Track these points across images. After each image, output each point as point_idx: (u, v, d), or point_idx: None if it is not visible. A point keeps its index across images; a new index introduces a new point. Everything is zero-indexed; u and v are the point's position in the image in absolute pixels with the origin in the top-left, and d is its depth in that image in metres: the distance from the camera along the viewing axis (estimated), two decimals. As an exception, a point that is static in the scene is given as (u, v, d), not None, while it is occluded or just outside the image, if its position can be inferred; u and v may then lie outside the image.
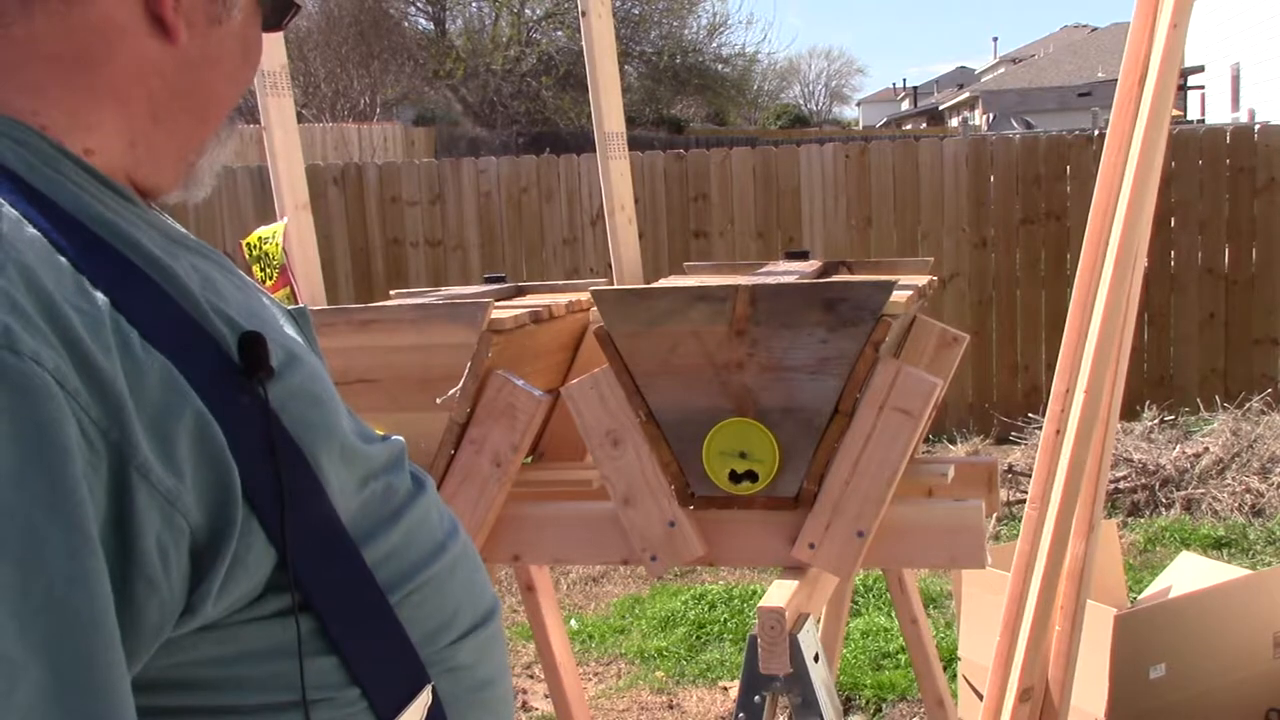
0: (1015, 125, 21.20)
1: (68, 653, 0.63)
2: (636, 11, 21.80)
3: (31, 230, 0.70)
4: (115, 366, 0.68)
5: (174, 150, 0.87)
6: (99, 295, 0.70)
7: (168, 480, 0.69)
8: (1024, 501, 2.44)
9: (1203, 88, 22.16)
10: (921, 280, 1.97)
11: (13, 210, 0.71)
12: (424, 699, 0.86)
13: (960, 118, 34.03)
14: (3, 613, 0.61)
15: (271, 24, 0.94)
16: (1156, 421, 5.37)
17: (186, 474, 0.71)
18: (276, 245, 1.66)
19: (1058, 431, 1.97)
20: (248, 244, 1.89)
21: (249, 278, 0.93)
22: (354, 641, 0.82)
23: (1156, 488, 4.81)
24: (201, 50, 0.85)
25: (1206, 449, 4.95)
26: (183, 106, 0.86)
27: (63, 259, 0.70)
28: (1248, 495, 4.68)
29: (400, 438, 0.99)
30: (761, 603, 1.51)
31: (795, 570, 1.63)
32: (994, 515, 4.12)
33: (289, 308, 0.98)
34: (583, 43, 2.24)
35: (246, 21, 0.89)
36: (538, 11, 21.40)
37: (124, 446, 0.67)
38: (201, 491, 0.71)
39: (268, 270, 1.86)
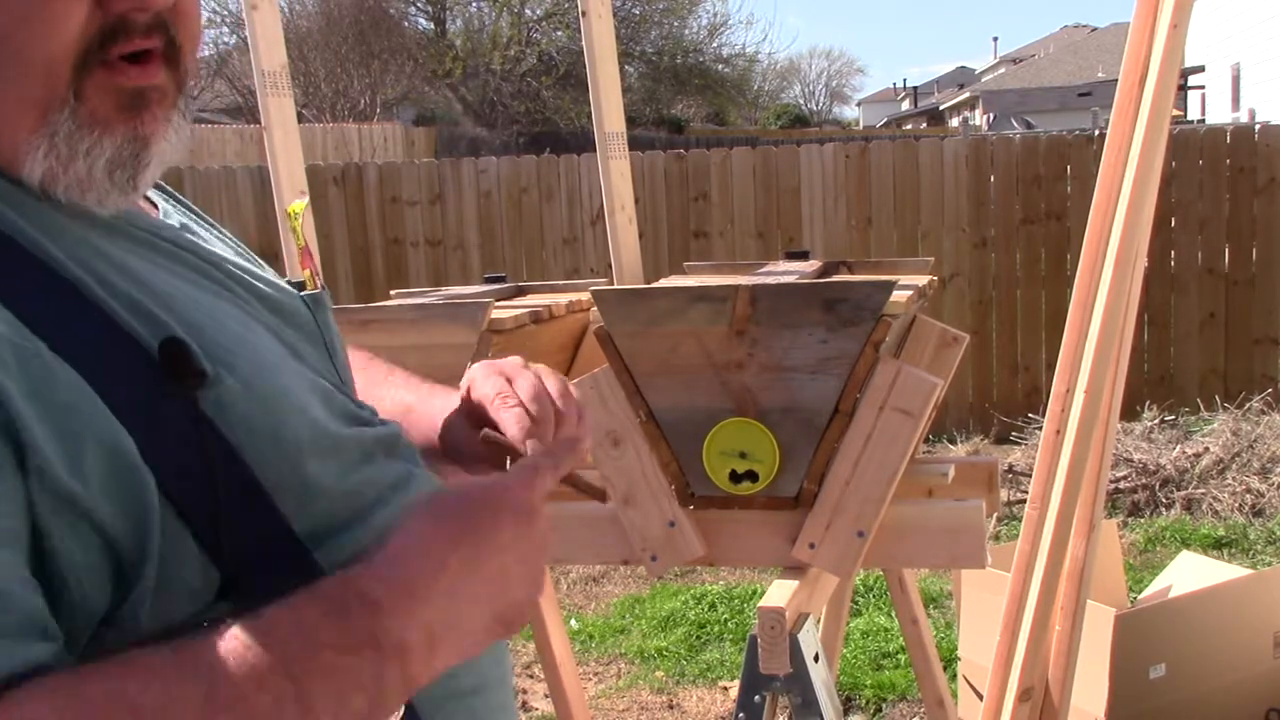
0: (1015, 125, 21.20)
1: None
2: (636, 11, 21.80)
3: None
4: (9, 370, 0.65)
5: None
6: (1, 308, 0.67)
7: (71, 487, 0.67)
8: (1024, 501, 2.44)
9: (1203, 88, 22.16)
10: (921, 280, 1.97)
11: None
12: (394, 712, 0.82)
13: (960, 118, 34.05)
14: None
15: None
16: (1156, 421, 5.37)
17: (98, 484, 0.68)
18: (299, 223, 1.67)
19: (1058, 431, 1.97)
20: (290, 213, 1.87)
21: (232, 258, 0.89)
22: None
23: (1156, 488, 4.81)
24: None
25: (1206, 449, 4.95)
26: None
27: None
28: (1248, 495, 4.68)
29: (394, 424, 0.95)
30: (761, 603, 1.51)
31: (795, 570, 1.63)
32: (994, 515, 4.12)
33: (304, 293, 0.95)
34: (583, 43, 2.24)
35: None
36: (537, 11, 21.40)
37: (22, 447, 0.65)
38: (117, 502, 0.69)
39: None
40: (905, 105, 53.91)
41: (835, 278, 2.02)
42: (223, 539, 0.73)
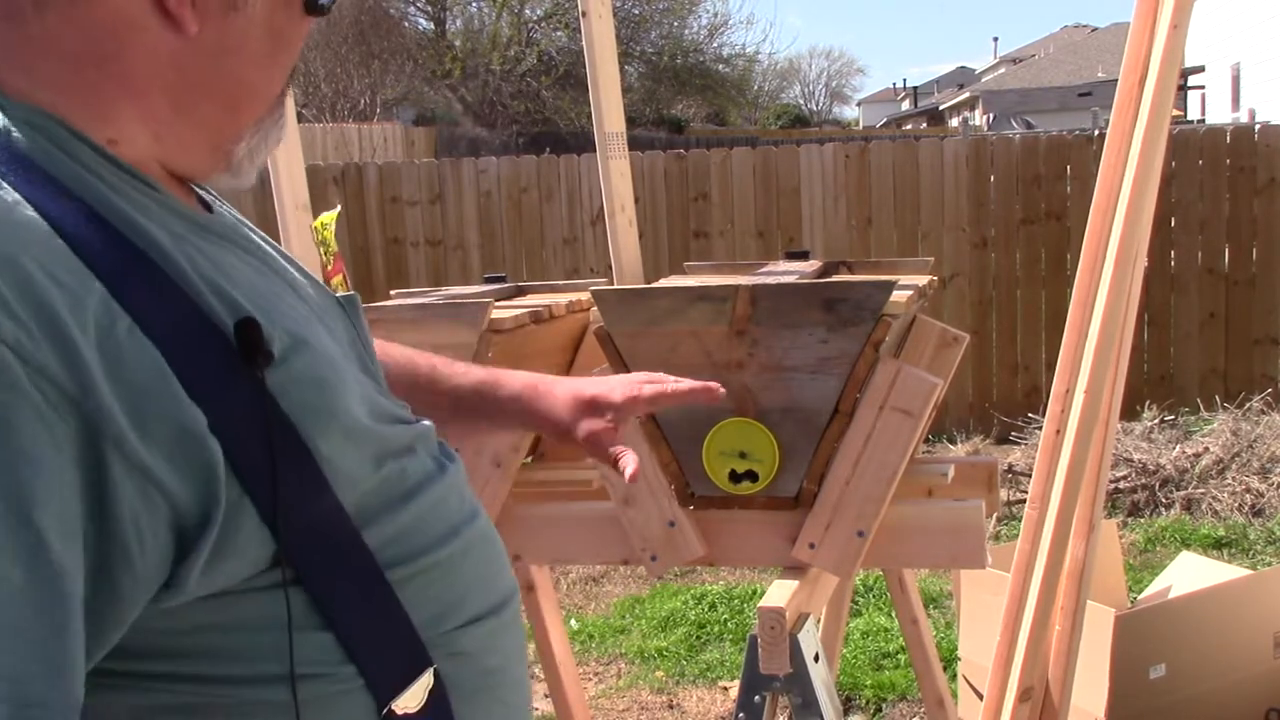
0: (1015, 125, 21.19)
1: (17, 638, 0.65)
2: (636, 11, 21.78)
3: (29, 213, 0.73)
4: (91, 344, 0.70)
5: (205, 139, 0.88)
6: (92, 279, 0.72)
7: (144, 456, 0.71)
8: (1024, 501, 2.44)
9: (1203, 88, 22.17)
10: (921, 280, 1.97)
11: (13, 194, 0.73)
12: (425, 681, 0.87)
13: (960, 118, 34.02)
14: None
15: (313, 7, 0.92)
16: (1156, 421, 5.37)
17: (165, 455, 0.72)
18: (330, 233, 1.69)
19: (1058, 431, 1.97)
20: (314, 227, 1.88)
21: (282, 262, 0.96)
22: (349, 620, 0.83)
23: (1156, 488, 4.81)
24: (219, 39, 0.85)
25: (1206, 449, 4.95)
26: (206, 96, 0.86)
27: (60, 242, 0.73)
28: (1248, 495, 4.68)
29: (428, 421, 1.01)
30: (761, 603, 1.51)
31: (795, 570, 1.63)
32: (994, 515, 4.12)
33: (339, 294, 1.01)
34: (583, 43, 2.23)
35: (273, 8, 0.88)
36: (537, 11, 21.39)
37: (97, 418, 0.70)
38: (184, 473, 0.73)
39: (326, 256, 1.85)
40: (905, 105, 53.91)
41: (835, 278, 2.02)
42: (279, 510, 0.78)
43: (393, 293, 2.25)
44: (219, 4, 0.84)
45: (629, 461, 1.21)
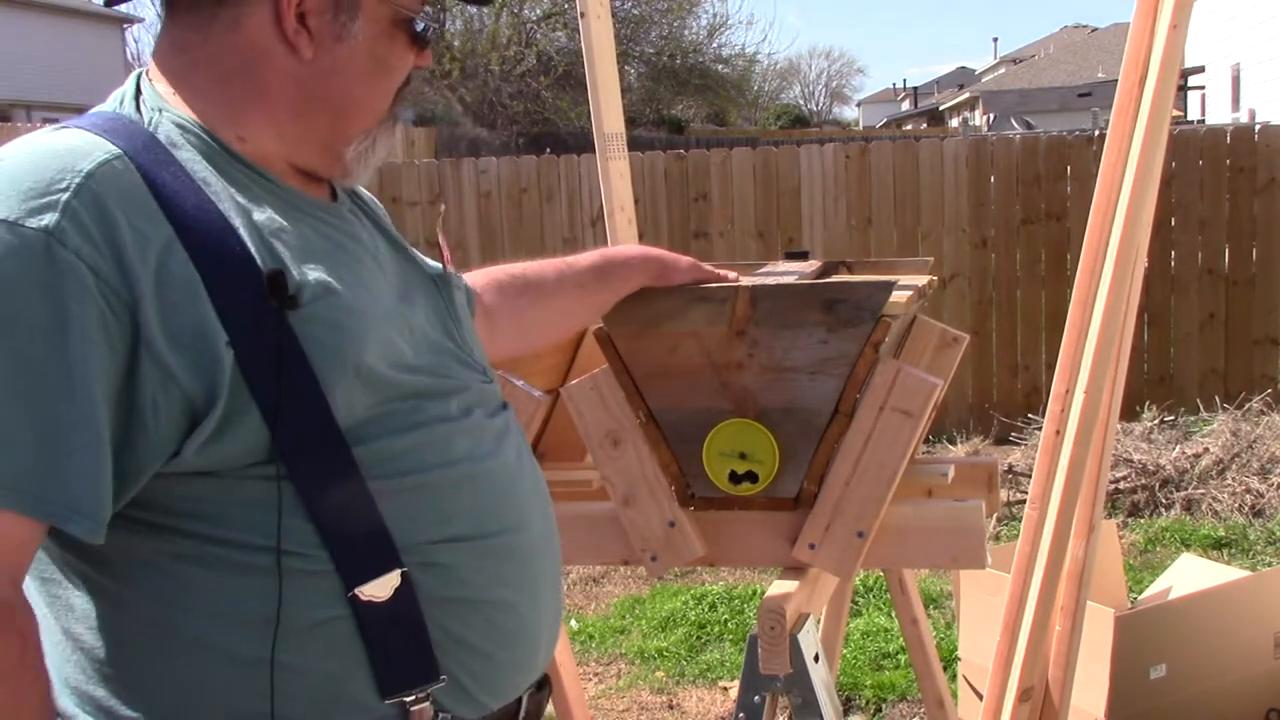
0: (1015, 125, 21.18)
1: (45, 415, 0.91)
2: (636, 11, 21.76)
3: (133, 178, 0.97)
4: (149, 271, 0.94)
5: (318, 141, 1.13)
6: (166, 225, 0.97)
7: (168, 357, 0.95)
8: (1024, 501, 2.44)
9: (1203, 88, 22.17)
10: (921, 280, 1.96)
11: (128, 164, 0.98)
12: (390, 579, 1.03)
13: (960, 118, 34.03)
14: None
15: (418, 40, 1.16)
16: (1156, 421, 5.37)
17: (187, 357, 0.96)
18: (438, 223, 1.83)
19: (1058, 431, 1.97)
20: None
21: (381, 244, 1.19)
22: (327, 512, 1.01)
23: (1156, 488, 4.81)
24: (330, 63, 1.10)
25: (1206, 449, 4.95)
26: (319, 107, 1.11)
27: (152, 200, 0.97)
28: (1248, 495, 4.68)
29: (494, 386, 1.22)
30: (761, 603, 1.51)
31: (795, 570, 1.63)
32: (994, 515, 4.12)
33: (435, 274, 1.24)
34: (582, 44, 2.23)
35: (375, 39, 1.12)
36: (536, 12, 21.37)
37: (140, 324, 0.94)
38: (196, 372, 0.96)
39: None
40: (905, 106, 53.94)
41: (835, 278, 2.01)
42: (279, 415, 0.99)
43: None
44: (329, 35, 1.09)
45: (726, 271, 1.63)
